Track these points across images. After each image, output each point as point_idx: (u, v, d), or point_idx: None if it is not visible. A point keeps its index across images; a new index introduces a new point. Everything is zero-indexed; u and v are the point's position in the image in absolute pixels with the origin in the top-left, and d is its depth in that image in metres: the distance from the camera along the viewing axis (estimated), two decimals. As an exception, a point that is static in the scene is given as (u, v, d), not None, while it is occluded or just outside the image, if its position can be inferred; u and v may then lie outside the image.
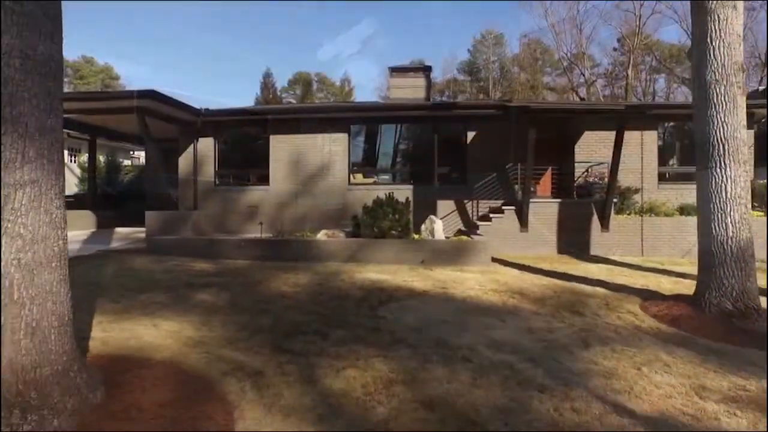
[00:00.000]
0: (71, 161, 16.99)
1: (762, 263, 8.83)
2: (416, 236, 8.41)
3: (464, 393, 3.33)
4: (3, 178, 2.38)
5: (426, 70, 15.47)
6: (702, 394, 3.39)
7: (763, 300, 5.29)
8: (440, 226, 8.66)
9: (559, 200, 9.53)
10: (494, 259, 8.26)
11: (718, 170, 4.92)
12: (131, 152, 20.39)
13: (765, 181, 9.37)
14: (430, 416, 3.01)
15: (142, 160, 20.82)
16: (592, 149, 10.17)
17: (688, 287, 6.14)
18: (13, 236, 2.43)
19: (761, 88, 17.40)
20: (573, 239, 9.30)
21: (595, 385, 3.52)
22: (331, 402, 3.18)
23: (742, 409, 3.16)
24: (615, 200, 9.36)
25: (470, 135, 10.83)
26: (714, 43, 4.84)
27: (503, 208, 9.69)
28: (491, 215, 9.73)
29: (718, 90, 4.87)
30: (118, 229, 11.87)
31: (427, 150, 11.19)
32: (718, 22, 4.80)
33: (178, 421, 2.85)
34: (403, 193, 9.70)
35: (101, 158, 16.04)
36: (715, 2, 4.78)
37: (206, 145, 11.34)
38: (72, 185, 14.81)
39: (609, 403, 3.24)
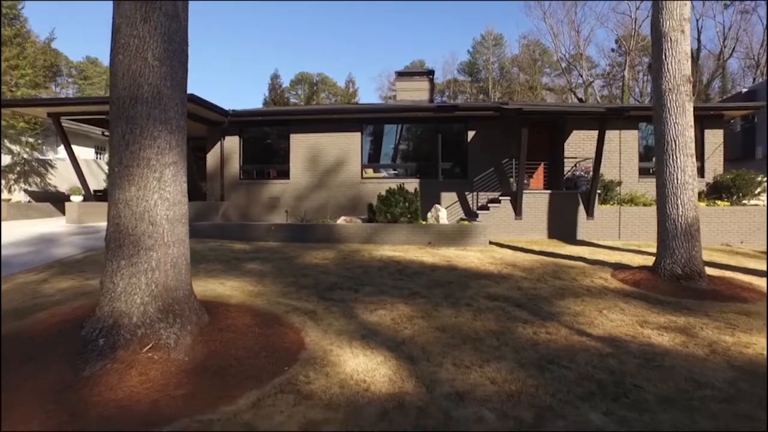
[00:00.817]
0: (98, 159, 18.16)
1: (726, 245, 10.00)
2: (423, 222, 9.59)
3: (467, 323, 4.52)
4: (159, 160, 3.56)
5: (429, 74, 16.66)
6: (643, 325, 4.58)
7: (709, 269, 6.49)
8: (444, 213, 9.84)
9: (549, 191, 10.71)
10: (491, 242, 9.44)
11: (671, 161, 6.10)
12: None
13: (732, 175, 10.53)
14: (442, 335, 4.20)
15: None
16: (579, 146, 11.36)
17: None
18: (164, 199, 3.60)
19: (744, 90, 18.54)
20: (562, 226, 10.47)
21: (565, 320, 4.71)
22: (370, 328, 4.36)
23: (668, 332, 4.36)
24: (599, 192, 10.53)
25: (471, 134, 12.02)
26: (667, 60, 6.02)
27: (500, 198, 10.86)
28: (489, 205, 10.91)
29: (670, 97, 6.05)
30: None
31: (431, 147, 12.39)
32: (670, 42, 5.98)
33: (264, 335, 4.03)
34: (411, 186, 10.83)
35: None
36: (667, 27, 5.96)
37: (232, 143, 12.52)
38: (101, 181, 15.96)
39: (574, 329, 4.43)
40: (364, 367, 3.48)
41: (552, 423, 2.78)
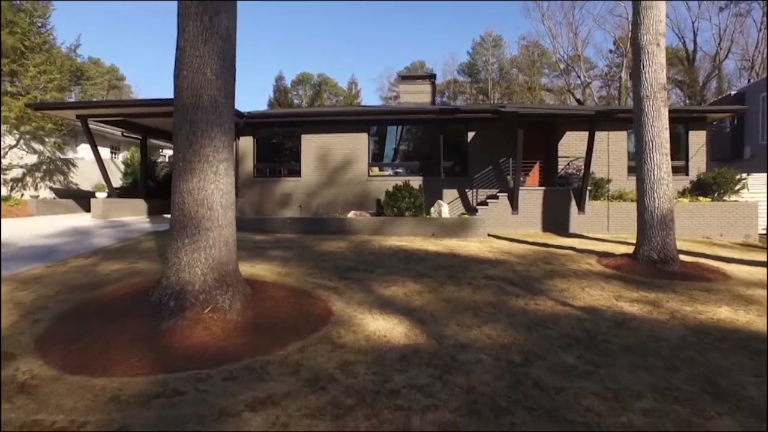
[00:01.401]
0: (113, 158, 18.92)
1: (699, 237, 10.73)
2: (427, 216, 10.37)
3: (468, 297, 5.29)
4: (215, 156, 4.32)
5: (431, 77, 17.46)
6: (618, 299, 5.36)
7: (685, 257, 7.26)
8: (446, 208, 10.61)
9: (544, 188, 11.48)
10: (490, 235, 10.22)
11: (648, 159, 6.88)
12: (160, 150, 22.29)
13: (713, 173, 11.31)
14: (447, 305, 4.97)
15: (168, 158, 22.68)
16: (572, 146, 12.13)
17: (636, 250, 8.08)
18: (219, 189, 4.36)
19: (733, 92, 19.32)
20: (555, 220, 11.25)
21: (552, 295, 5.48)
22: (385, 299, 5.14)
23: (639, 304, 5.14)
24: (590, 188, 11.31)
25: (470, 134, 12.81)
26: (645, 69, 6.80)
27: (498, 195, 11.64)
28: (488, 201, 11.69)
29: (648, 103, 6.82)
30: (167, 215, 13.79)
31: (434, 147, 13.17)
32: (647, 54, 6.75)
33: (298, 303, 4.81)
34: (415, 183, 11.59)
35: (136, 155, 17.92)
36: (644, 41, 6.74)
37: (246, 143, 13.29)
38: (117, 179, 16.71)
39: (558, 302, 5.20)
40: (384, 327, 4.25)
41: (536, 363, 3.55)
